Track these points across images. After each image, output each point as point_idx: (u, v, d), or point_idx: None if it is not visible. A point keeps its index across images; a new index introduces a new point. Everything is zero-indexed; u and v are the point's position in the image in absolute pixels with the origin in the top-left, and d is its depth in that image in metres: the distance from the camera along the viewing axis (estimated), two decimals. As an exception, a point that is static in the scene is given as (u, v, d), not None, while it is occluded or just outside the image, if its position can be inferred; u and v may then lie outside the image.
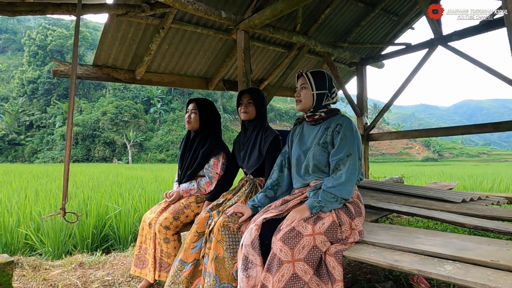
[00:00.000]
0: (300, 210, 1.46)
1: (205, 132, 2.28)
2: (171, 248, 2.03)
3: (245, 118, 2.08)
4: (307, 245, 1.33)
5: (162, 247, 2.03)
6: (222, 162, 2.24)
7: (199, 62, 3.95)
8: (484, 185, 7.51)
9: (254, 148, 2.04)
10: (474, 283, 1.00)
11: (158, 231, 2.03)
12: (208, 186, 2.20)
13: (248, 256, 1.41)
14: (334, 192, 1.46)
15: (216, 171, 2.22)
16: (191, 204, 2.14)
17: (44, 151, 47.85)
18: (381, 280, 2.12)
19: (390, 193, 2.83)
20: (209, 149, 2.22)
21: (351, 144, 1.55)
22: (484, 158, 72.43)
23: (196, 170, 2.25)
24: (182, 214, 2.09)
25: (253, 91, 2.13)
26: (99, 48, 3.21)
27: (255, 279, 1.38)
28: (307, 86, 1.68)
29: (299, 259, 1.30)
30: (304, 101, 1.68)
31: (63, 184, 1.98)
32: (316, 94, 1.67)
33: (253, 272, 1.39)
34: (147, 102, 58.05)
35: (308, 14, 3.86)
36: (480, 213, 1.98)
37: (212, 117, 2.31)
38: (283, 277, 1.27)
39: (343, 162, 1.52)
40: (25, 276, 2.32)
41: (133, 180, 8.45)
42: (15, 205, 3.92)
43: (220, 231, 1.70)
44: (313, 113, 1.70)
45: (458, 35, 3.73)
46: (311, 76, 1.68)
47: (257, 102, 2.08)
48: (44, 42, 58.02)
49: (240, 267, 1.43)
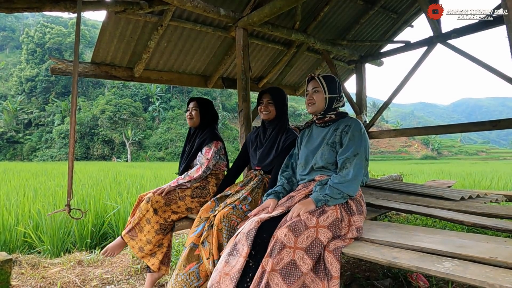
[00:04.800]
0: (305, 202, 1.49)
1: (204, 126, 2.41)
2: (147, 229, 2.02)
3: (265, 118, 2.10)
4: (311, 237, 1.34)
5: (141, 221, 2.03)
6: (214, 151, 2.29)
7: (197, 59, 3.94)
8: (483, 183, 7.53)
9: (272, 149, 2.05)
10: (472, 280, 1.00)
11: (146, 210, 2.02)
12: (196, 172, 2.23)
13: (237, 244, 1.41)
14: (341, 188, 1.50)
15: (207, 157, 2.25)
16: (186, 197, 2.15)
17: (42, 149, 47.77)
18: (380, 278, 2.13)
19: (389, 191, 2.84)
20: (203, 138, 2.32)
21: (359, 145, 1.61)
22: (483, 156, 72.61)
23: (191, 158, 2.34)
24: (174, 203, 2.10)
25: (274, 90, 2.14)
26: (97, 46, 3.19)
27: (232, 268, 1.35)
28: (320, 89, 1.74)
29: (301, 248, 1.31)
30: (318, 103, 1.75)
31: (67, 181, 1.98)
32: (328, 98, 1.74)
33: (233, 261, 1.37)
34: (146, 100, 57.94)
35: (307, 12, 3.85)
36: (479, 210, 1.98)
37: (211, 114, 2.44)
38: (281, 260, 1.27)
39: (350, 161, 1.57)
40: (24, 274, 2.32)
41: (132, 179, 8.44)
42: (14, 203, 3.91)
43: (222, 221, 1.71)
44: (324, 115, 1.77)
45: (457, 33, 3.72)
46: (323, 80, 1.75)
47: (277, 102, 2.09)
48: (42, 40, 57.76)
49: (226, 250, 1.43)
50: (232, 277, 1.32)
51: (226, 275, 1.34)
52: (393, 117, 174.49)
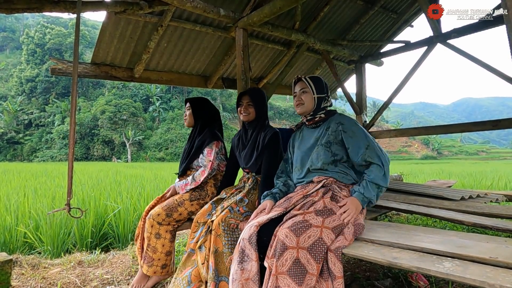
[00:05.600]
0: (354, 203, 1.51)
1: (202, 126, 2.37)
2: (160, 244, 2.05)
3: (245, 119, 2.09)
4: (313, 236, 1.34)
5: (151, 241, 2.04)
6: (216, 151, 2.26)
7: (197, 60, 3.94)
8: (483, 183, 7.52)
9: (254, 149, 2.04)
10: (472, 280, 1.00)
11: (151, 225, 2.04)
12: (202, 175, 2.21)
13: (244, 250, 1.42)
14: (379, 182, 1.56)
15: (210, 159, 2.23)
16: (185, 202, 2.14)
17: (43, 150, 47.79)
18: (380, 278, 2.13)
19: (389, 191, 2.84)
20: (203, 139, 2.28)
21: (363, 137, 1.62)
22: (483, 156, 72.59)
23: (191, 159, 2.31)
24: (175, 211, 2.09)
25: (253, 92, 2.12)
26: (97, 46, 3.19)
27: (249, 273, 1.38)
28: (308, 90, 1.75)
29: (303, 247, 1.30)
30: (307, 104, 1.75)
31: (67, 181, 1.99)
32: (317, 98, 1.74)
33: (248, 266, 1.39)
34: (146, 100, 57.95)
35: (307, 12, 3.85)
36: (479, 210, 1.98)
37: (207, 113, 2.39)
38: (286, 262, 1.27)
39: (369, 155, 1.59)
40: (24, 275, 2.32)
41: (132, 179, 8.44)
42: (14, 203, 3.91)
43: (220, 226, 1.71)
44: (313, 116, 1.76)
45: (457, 32, 3.72)
46: (311, 81, 1.75)
47: (256, 103, 2.07)
48: (42, 41, 57.80)
49: (235, 259, 1.43)
50: (253, 280, 1.37)
51: (248, 280, 1.38)
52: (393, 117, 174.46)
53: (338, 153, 1.65)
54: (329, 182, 1.63)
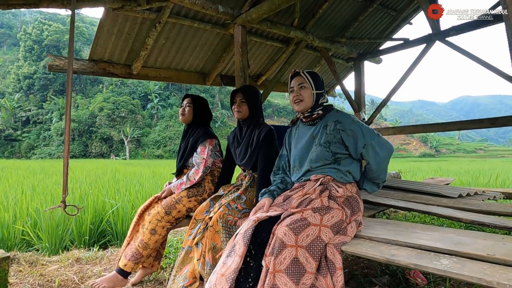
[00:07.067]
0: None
1: (196, 124, 2.38)
2: (153, 241, 2.06)
3: (239, 117, 2.09)
4: (312, 234, 1.33)
5: (145, 236, 2.04)
6: (210, 149, 2.26)
7: (196, 57, 3.92)
8: (481, 181, 7.54)
9: (249, 146, 2.04)
10: (470, 277, 1.00)
11: (149, 221, 2.06)
12: (197, 174, 2.21)
13: (236, 245, 1.40)
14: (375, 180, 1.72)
15: (203, 157, 2.23)
16: (183, 199, 2.15)
17: (41, 147, 47.67)
18: (378, 275, 2.13)
19: (387, 188, 2.84)
20: (197, 136, 2.29)
21: (361, 136, 1.61)
22: (481, 154, 72.88)
23: (186, 158, 2.32)
24: (174, 209, 2.11)
25: (246, 89, 2.11)
26: (95, 43, 3.17)
27: (227, 268, 1.34)
28: (307, 85, 1.68)
29: (302, 246, 1.30)
30: (306, 100, 1.68)
31: (63, 178, 1.98)
32: (316, 94, 1.69)
33: (229, 261, 1.37)
34: (144, 97, 57.78)
35: (306, 9, 3.84)
36: (477, 208, 1.99)
37: (204, 113, 2.41)
38: (285, 260, 1.26)
39: (365, 154, 1.64)
40: (22, 272, 2.32)
41: (131, 176, 8.42)
42: (12, 200, 3.90)
43: (218, 222, 1.71)
44: (311, 112, 1.71)
45: (456, 30, 3.72)
46: (309, 76, 1.69)
47: (250, 100, 2.07)
48: (40, 37, 57.49)
49: (225, 252, 1.42)
50: (227, 278, 1.31)
51: (222, 276, 1.33)
52: (391, 114, 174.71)
53: (338, 151, 1.64)
54: (326, 180, 1.62)
